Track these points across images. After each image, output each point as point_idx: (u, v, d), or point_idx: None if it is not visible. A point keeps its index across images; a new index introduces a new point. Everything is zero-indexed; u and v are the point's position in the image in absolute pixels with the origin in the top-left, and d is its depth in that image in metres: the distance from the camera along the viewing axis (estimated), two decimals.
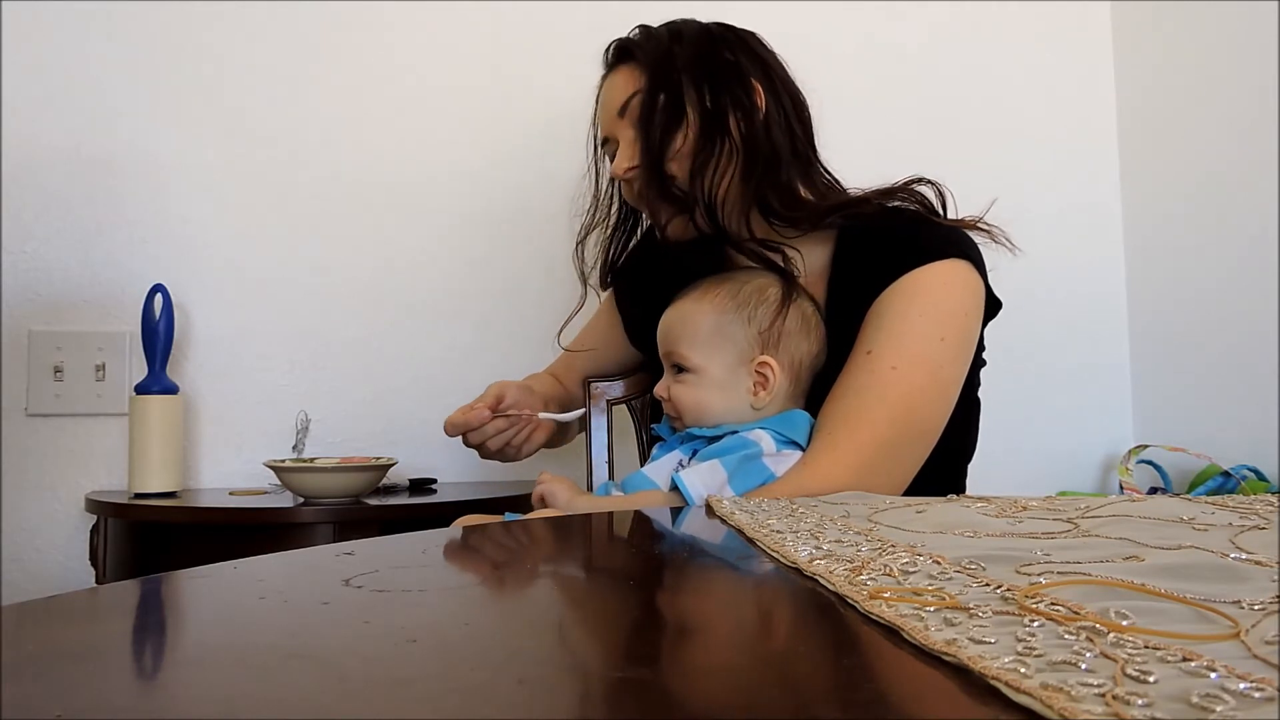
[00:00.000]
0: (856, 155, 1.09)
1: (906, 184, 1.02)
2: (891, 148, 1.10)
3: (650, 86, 1.00)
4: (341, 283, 1.61)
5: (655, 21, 1.08)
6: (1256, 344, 1.55)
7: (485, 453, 1.07)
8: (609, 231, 1.16)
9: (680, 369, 0.97)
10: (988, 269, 1.00)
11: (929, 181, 1.02)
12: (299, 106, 1.61)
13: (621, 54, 1.06)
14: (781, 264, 0.99)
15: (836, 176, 1.06)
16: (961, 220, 1.00)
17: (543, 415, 1.07)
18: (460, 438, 1.05)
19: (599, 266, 1.18)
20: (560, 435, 1.24)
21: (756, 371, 0.95)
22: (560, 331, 1.19)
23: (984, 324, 1.00)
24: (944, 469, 0.97)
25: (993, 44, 1.83)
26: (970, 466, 1.07)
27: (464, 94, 1.66)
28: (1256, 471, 1.52)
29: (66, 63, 1.55)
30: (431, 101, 1.66)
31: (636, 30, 1.06)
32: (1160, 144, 1.78)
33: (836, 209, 1.00)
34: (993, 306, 1.00)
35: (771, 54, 1.06)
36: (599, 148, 1.11)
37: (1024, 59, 1.84)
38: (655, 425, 1.07)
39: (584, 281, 1.16)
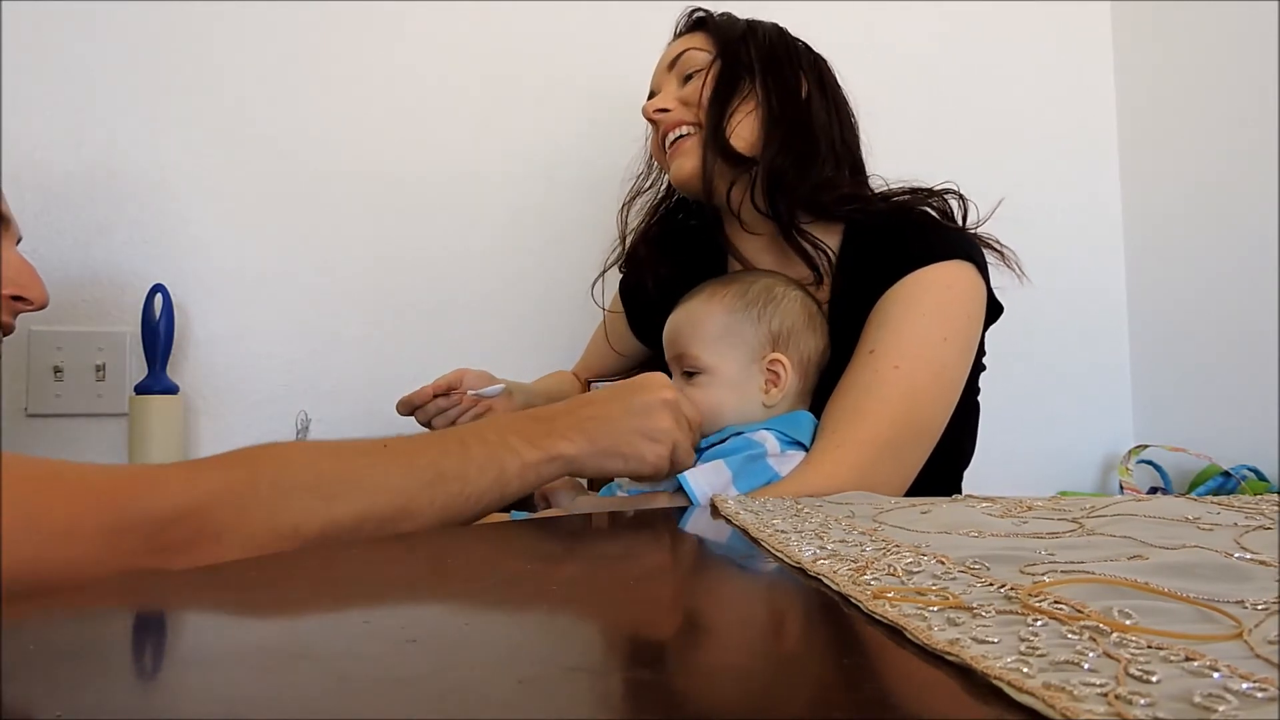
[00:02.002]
0: None
1: (939, 191, 1.03)
2: (891, 148, 1.10)
3: (721, 54, 1.04)
4: (341, 282, 1.61)
5: (659, 17, 1.09)
6: (1256, 344, 1.55)
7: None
8: (656, 200, 1.20)
9: (691, 372, 0.96)
10: (995, 285, 1.00)
11: (960, 195, 1.03)
12: (299, 106, 1.61)
13: (693, 22, 1.10)
14: (816, 261, 1.02)
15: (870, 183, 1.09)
16: (977, 235, 1.01)
17: (470, 393, 1.10)
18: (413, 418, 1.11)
19: (638, 230, 1.20)
20: None
21: (768, 369, 0.95)
22: (594, 285, 1.22)
23: (985, 328, 1.00)
24: (940, 473, 0.97)
25: (993, 44, 1.83)
26: (970, 466, 1.07)
27: (465, 93, 1.66)
28: (1256, 471, 1.52)
29: (66, 63, 1.54)
30: (433, 101, 1.66)
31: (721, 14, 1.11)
32: (1160, 144, 1.78)
33: (847, 200, 1.01)
34: (994, 311, 1.01)
35: (834, 77, 1.10)
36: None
37: (1024, 59, 1.84)
38: None
39: (624, 240, 1.19)
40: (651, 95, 1.11)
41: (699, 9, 1.12)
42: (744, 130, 1.02)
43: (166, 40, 1.58)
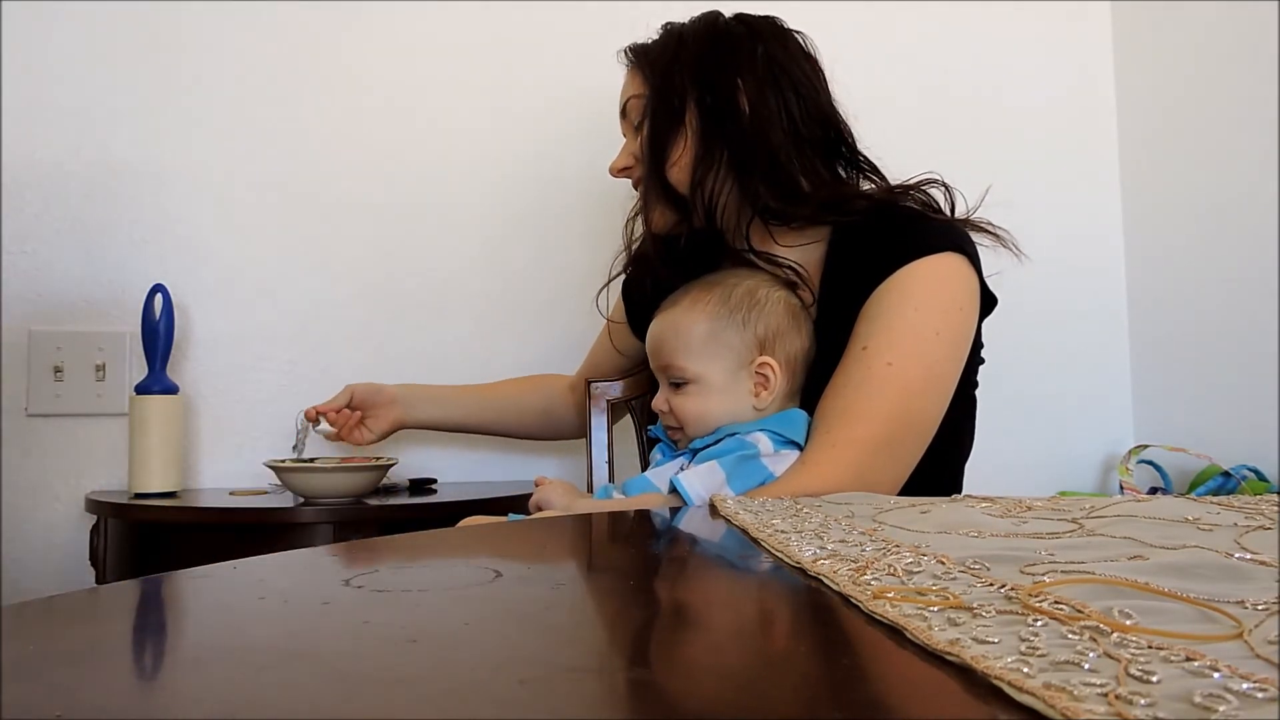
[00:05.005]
0: None
1: (919, 184, 1.02)
2: (890, 148, 1.10)
3: (651, 95, 1.03)
4: (341, 283, 1.61)
5: (661, 21, 1.09)
6: (1256, 344, 1.55)
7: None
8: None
9: (678, 382, 0.96)
10: (994, 270, 1.00)
11: (943, 184, 1.02)
12: (299, 105, 1.61)
13: (633, 55, 1.08)
14: (783, 276, 1.01)
15: (866, 154, 1.06)
16: (967, 220, 1.01)
17: (319, 429, 1.32)
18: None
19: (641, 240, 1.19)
20: (480, 426, 1.40)
21: (757, 373, 0.95)
22: (598, 295, 1.22)
23: (980, 319, 1.00)
24: (941, 467, 0.97)
25: (993, 44, 1.83)
26: (970, 467, 1.06)
27: (465, 93, 1.66)
28: (1257, 471, 1.52)
29: (66, 63, 1.54)
30: (432, 100, 1.65)
31: (659, 30, 1.08)
32: (1160, 144, 1.78)
33: (832, 206, 1.00)
34: (988, 302, 1.00)
35: (783, 43, 1.05)
36: None
37: (1024, 59, 1.84)
38: (651, 427, 1.07)
39: (629, 251, 1.18)
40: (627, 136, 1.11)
41: (642, 45, 1.08)
42: (686, 171, 1.02)
43: (167, 41, 1.58)
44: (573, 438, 1.40)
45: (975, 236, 1.00)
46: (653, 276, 1.15)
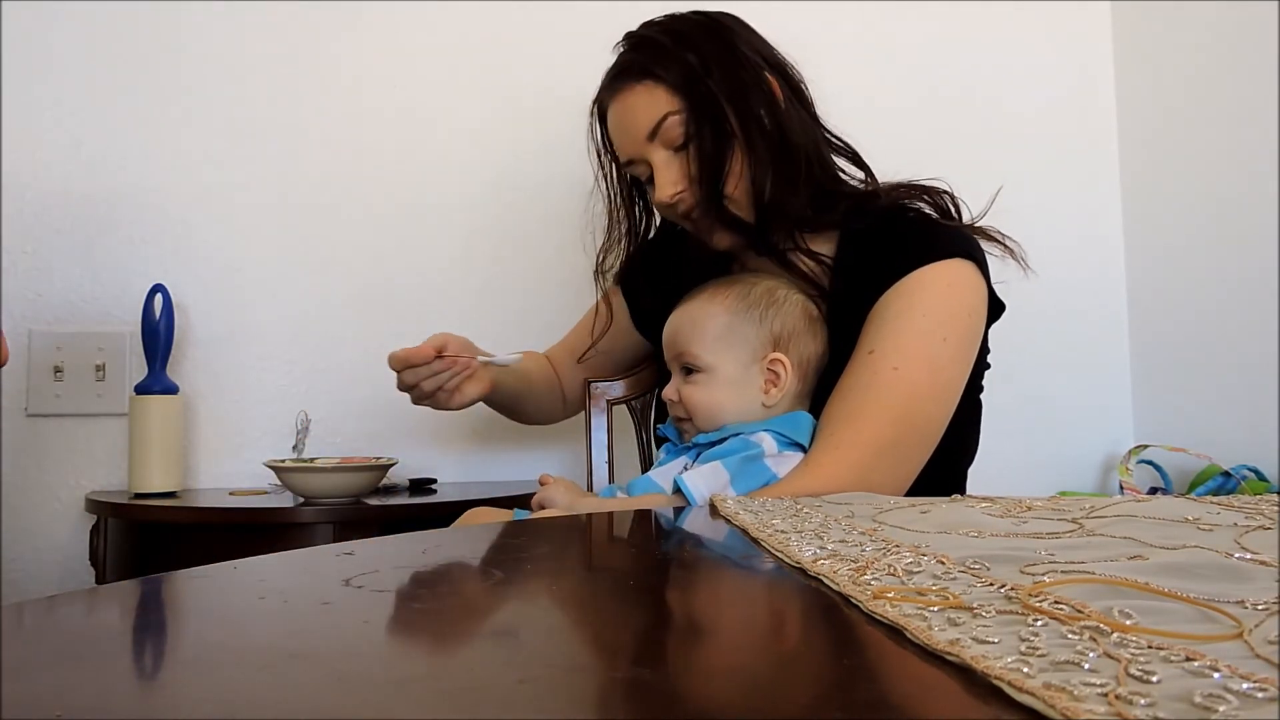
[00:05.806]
0: None
1: (919, 184, 1.02)
2: (890, 148, 1.10)
3: (690, 113, 0.96)
4: (341, 283, 1.61)
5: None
6: (1256, 344, 1.55)
7: (418, 395, 1.06)
8: (623, 241, 1.14)
9: (690, 370, 0.97)
10: (999, 279, 1.00)
11: (948, 193, 1.02)
12: (299, 106, 1.61)
13: (636, 70, 0.99)
14: (813, 277, 1.01)
15: (840, 135, 1.06)
16: (979, 228, 1.01)
17: (481, 359, 1.06)
18: (399, 379, 1.05)
19: (617, 267, 1.17)
20: (512, 398, 1.20)
21: (768, 369, 0.95)
22: (588, 351, 1.22)
23: (987, 326, 1.00)
24: (944, 471, 0.97)
25: (993, 44, 1.83)
26: (971, 468, 1.07)
27: (464, 94, 1.66)
28: (1256, 471, 1.52)
29: (66, 63, 1.55)
30: (432, 102, 1.66)
31: (627, 42, 1.02)
32: (1160, 144, 1.78)
33: (853, 212, 1.01)
34: (995, 308, 1.00)
35: (753, 31, 1.03)
36: (615, 165, 1.08)
37: (1024, 59, 1.84)
38: (660, 426, 1.07)
39: (607, 302, 1.18)
40: (629, 162, 1.02)
41: (627, 55, 1.01)
42: (744, 185, 0.99)
43: (167, 41, 1.58)
44: (562, 418, 1.36)
45: (983, 245, 1.01)
46: (652, 285, 1.15)
